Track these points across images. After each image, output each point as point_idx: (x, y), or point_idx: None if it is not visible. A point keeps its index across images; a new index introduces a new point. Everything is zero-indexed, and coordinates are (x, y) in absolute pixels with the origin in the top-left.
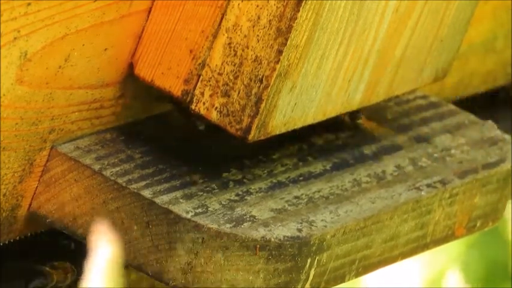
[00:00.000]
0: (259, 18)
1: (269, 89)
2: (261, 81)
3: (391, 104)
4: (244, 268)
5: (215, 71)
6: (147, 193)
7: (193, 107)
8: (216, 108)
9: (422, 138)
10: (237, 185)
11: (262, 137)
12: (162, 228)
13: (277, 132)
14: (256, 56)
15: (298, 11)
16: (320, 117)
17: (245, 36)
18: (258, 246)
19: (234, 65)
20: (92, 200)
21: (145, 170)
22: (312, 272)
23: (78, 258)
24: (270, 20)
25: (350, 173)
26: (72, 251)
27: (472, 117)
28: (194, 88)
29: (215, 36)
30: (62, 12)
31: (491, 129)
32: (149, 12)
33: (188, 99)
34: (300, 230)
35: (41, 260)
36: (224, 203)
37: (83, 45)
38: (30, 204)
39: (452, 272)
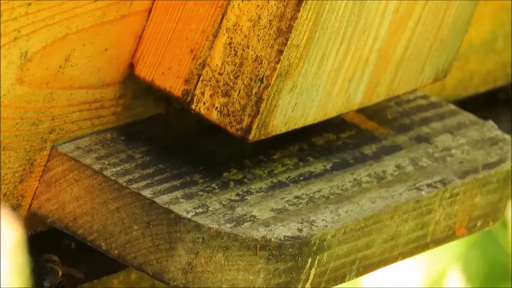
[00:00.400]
0: (259, 18)
1: (269, 89)
2: (261, 81)
3: (392, 104)
4: (244, 268)
5: (215, 70)
6: (147, 193)
7: (193, 107)
8: (217, 108)
9: (422, 138)
10: (238, 185)
11: (262, 137)
12: (162, 228)
13: (278, 132)
14: (257, 56)
15: (299, 10)
16: (320, 117)
17: (245, 36)
18: (259, 246)
19: (235, 65)
20: (92, 199)
21: (146, 169)
22: (313, 272)
23: (79, 258)
24: (270, 20)
25: (350, 173)
26: (73, 250)
27: (473, 117)
28: (194, 88)
29: (215, 36)
30: (62, 12)
31: (491, 129)
32: (149, 12)
33: (188, 99)
34: (300, 230)
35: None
36: (224, 203)
37: (84, 45)
38: (30, 204)
39: (453, 272)
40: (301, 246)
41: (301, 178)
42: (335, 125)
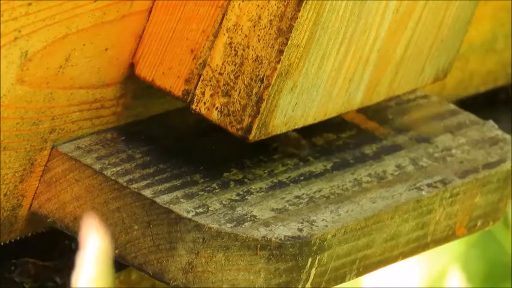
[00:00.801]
0: (260, 18)
1: (270, 89)
2: (261, 81)
3: (392, 104)
4: (245, 268)
5: (216, 70)
6: (147, 193)
7: (194, 107)
8: (217, 108)
9: (423, 138)
10: (238, 185)
11: (263, 137)
12: (162, 228)
13: (278, 132)
14: (257, 56)
15: (299, 10)
16: (321, 117)
17: (246, 36)
18: (259, 246)
19: (235, 65)
20: (92, 199)
21: (146, 169)
22: (313, 272)
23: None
24: (270, 20)
25: (351, 173)
26: (73, 250)
27: (473, 117)
28: (195, 88)
29: (216, 36)
30: (62, 12)
31: (491, 129)
32: (150, 12)
33: (189, 99)
34: (300, 230)
35: (42, 260)
36: (225, 203)
37: (84, 45)
38: (31, 204)
39: (453, 271)
40: (301, 246)
41: (302, 178)
42: (335, 124)
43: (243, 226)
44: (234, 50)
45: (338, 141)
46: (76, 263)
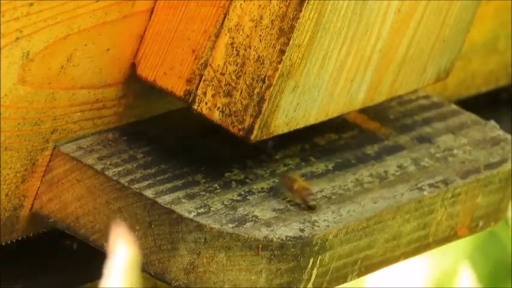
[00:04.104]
0: (261, 18)
1: (271, 89)
2: (263, 81)
3: (394, 104)
4: (246, 268)
5: (217, 71)
6: (149, 193)
7: (195, 107)
8: (218, 108)
9: (424, 138)
10: (240, 185)
11: (264, 137)
12: (164, 228)
13: (280, 132)
14: (259, 56)
15: (301, 11)
16: (322, 117)
17: (247, 36)
18: (260, 246)
19: (237, 65)
20: (94, 200)
21: (148, 170)
22: (314, 272)
23: (80, 258)
24: (272, 20)
25: (352, 173)
26: (75, 251)
27: (474, 117)
28: (196, 88)
29: (217, 36)
30: (64, 12)
31: (493, 129)
32: (151, 12)
33: (190, 99)
34: (302, 230)
35: (42, 261)
36: (226, 203)
37: (85, 45)
38: (32, 204)
39: (460, 271)
40: (303, 246)
41: (303, 178)
42: (337, 125)
43: (244, 226)
44: (236, 50)
45: (340, 142)
46: (104, 272)
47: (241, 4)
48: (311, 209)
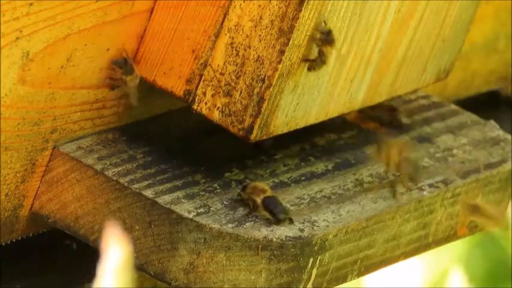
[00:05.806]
0: (261, 18)
1: (271, 89)
2: (263, 81)
3: (394, 104)
4: (246, 268)
5: (217, 70)
6: (149, 193)
7: (195, 107)
8: (218, 108)
9: (424, 138)
10: (239, 185)
11: (264, 137)
12: (164, 228)
13: (280, 132)
14: (259, 56)
15: (301, 10)
16: (322, 117)
17: (247, 36)
18: (260, 246)
19: (236, 65)
20: (94, 200)
21: (148, 170)
22: (314, 272)
23: (80, 258)
24: (272, 20)
25: (352, 173)
26: (74, 251)
27: (474, 117)
28: (196, 88)
29: (217, 36)
30: (64, 12)
31: (493, 129)
32: (151, 12)
33: (190, 99)
34: (302, 230)
35: (42, 261)
36: (226, 203)
37: (85, 45)
38: (32, 204)
39: (455, 272)
40: (302, 246)
41: (303, 178)
42: (337, 125)
43: (244, 226)
44: (236, 50)
45: (339, 141)
46: (97, 272)
47: (241, 4)
48: (279, 221)
